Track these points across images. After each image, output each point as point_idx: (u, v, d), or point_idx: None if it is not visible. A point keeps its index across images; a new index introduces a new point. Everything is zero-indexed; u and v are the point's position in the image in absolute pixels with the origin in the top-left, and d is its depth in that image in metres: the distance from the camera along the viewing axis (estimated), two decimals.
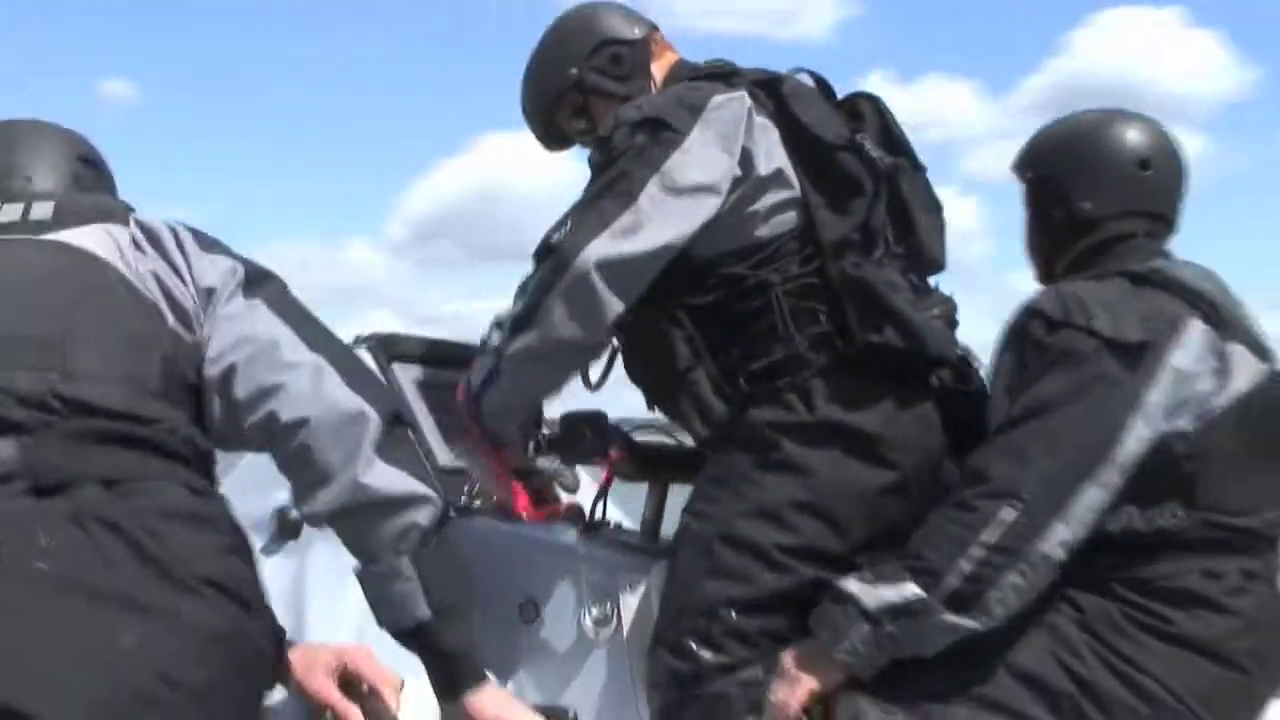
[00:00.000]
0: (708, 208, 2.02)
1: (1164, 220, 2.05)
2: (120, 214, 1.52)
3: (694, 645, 1.98)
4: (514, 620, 2.23)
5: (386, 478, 1.46)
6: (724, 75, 2.19)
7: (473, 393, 2.12)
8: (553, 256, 1.99)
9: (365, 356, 2.40)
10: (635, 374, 2.16)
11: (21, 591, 1.18)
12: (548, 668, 2.20)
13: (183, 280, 1.48)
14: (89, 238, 1.45)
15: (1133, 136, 2.03)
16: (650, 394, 2.16)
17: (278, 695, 1.67)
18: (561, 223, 2.03)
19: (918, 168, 2.26)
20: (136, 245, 1.47)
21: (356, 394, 1.48)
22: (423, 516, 1.48)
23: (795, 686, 1.81)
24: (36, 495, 1.24)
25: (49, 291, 1.39)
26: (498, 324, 2.12)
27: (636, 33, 2.30)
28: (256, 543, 1.76)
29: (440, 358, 2.49)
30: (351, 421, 1.46)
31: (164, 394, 1.39)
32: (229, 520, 1.40)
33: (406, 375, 2.42)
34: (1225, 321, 1.87)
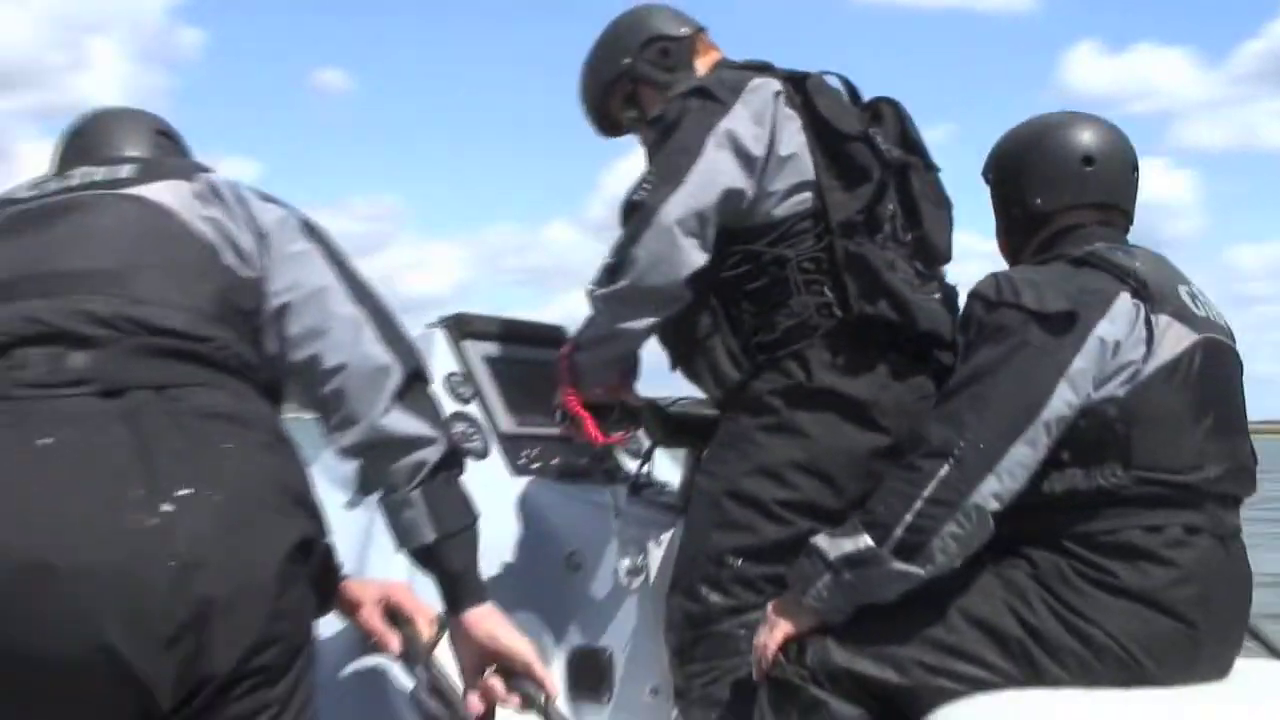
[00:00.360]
0: (748, 170, 2.24)
1: (1114, 210, 2.17)
2: (188, 172, 1.83)
3: (704, 590, 2.22)
4: (561, 569, 2.51)
5: (403, 422, 1.73)
6: (758, 68, 2.40)
7: (574, 340, 2.38)
8: (638, 213, 2.22)
9: (439, 335, 2.72)
10: (664, 337, 2.38)
11: (69, 471, 1.49)
12: (589, 612, 2.48)
13: (241, 225, 1.78)
14: (159, 192, 1.76)
15: (1076, 136, 2.17)
16: (673, 356, 2.39)
17: (332, 620, 1.99)
18: (640, 183, 2.25)
19: (930, 167, 2.45)
20: (200, 197, 1.77)
21: (387, 350, 1.76)
22: (431, 455, 1.74)
23: (774, 631, 2.03)
24: (103, 397, 1.57)
25: (122, 234, 1.70)
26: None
27: (683, 31, 2.53)
28: (341, 495, 2.06)
29: (508, 335, 2.77)
30: (379, 373, 1.74)
31: (218, 318, 1.68)
32: (269, 423, 1.66)
33: (476, 351, 2.71)
34: (1154, 296, 1.99)
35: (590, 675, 2.45)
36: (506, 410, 2.67)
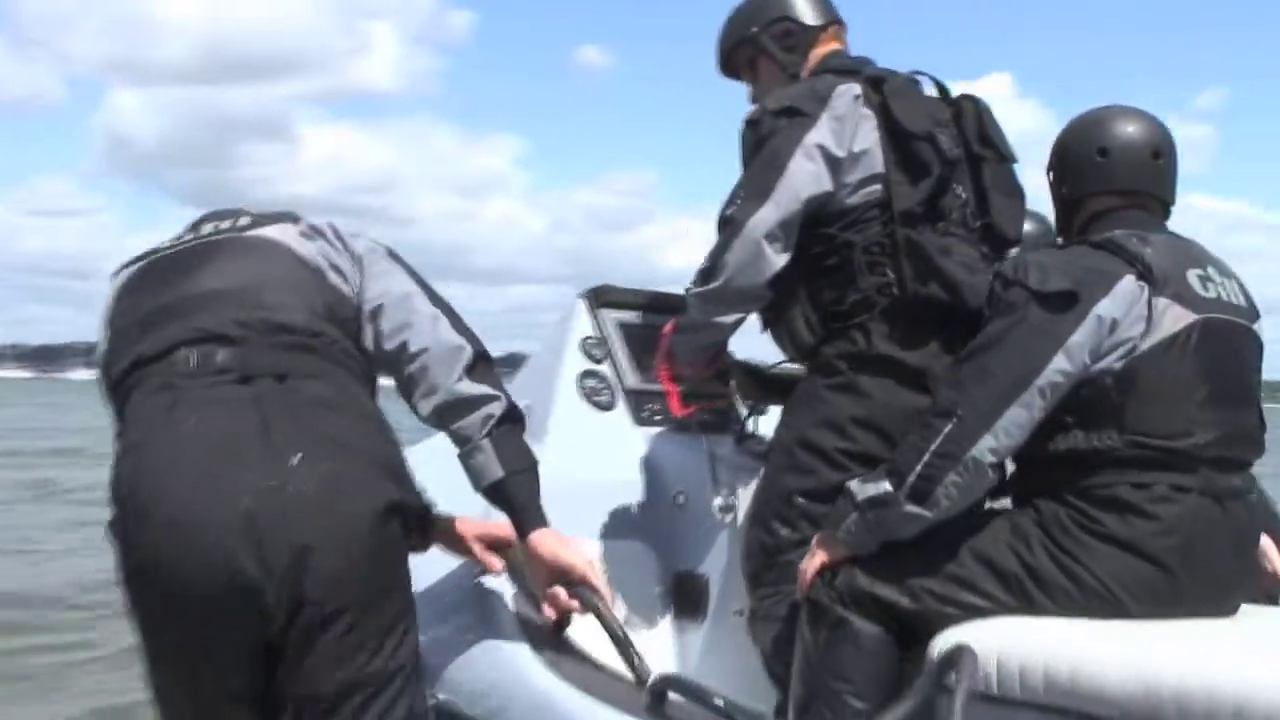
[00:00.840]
0: (832, 171, 2.58)
1: (1143, 196, 2.40)
2: (293, 218, 2.35)
3: (775, 524, 2.60)
4: (669, 507, 2.94)
5: (471, 388, 2.22)
6: (848, 70, 2.72)
7: (675, 323, 2.81)
8: (729, 226, 2.59)
9: (581, 305, 3.18)
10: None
11: (210, 442, 2.01)
12: (690, 543, 2.90)
13: (340, 252, 2.29)
14: (271, 232, 2.30)
15: (1098, 130, 2.42)
16: (763, 321, 2.75)
17: (436, 552, 2.48)
18: (733, 198, 2.62)
19: (1004, 159, 2.70)
20: (304, 234, 2.30)
21: (460, 336, 2.25)
22: (496, 409, 2.22)
23: (814, 559, 2.39)
24: (239, 384, 2.09)
25: (248, 262, 2.23)
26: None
27: (813, 20, 2.83)
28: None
29: (638, 304, 3.20)
30: (456, 351, 2.23)
31: (327, 318, 2.20)
32: (363, 406, 2.17)
33: (611, 318, 3.15)
34: (1157, 279, 2.23)
35: (690, 597, 2.88)
36: (633, 369, 3.10)
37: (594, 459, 2.94)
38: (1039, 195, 2.69)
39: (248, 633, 1.98)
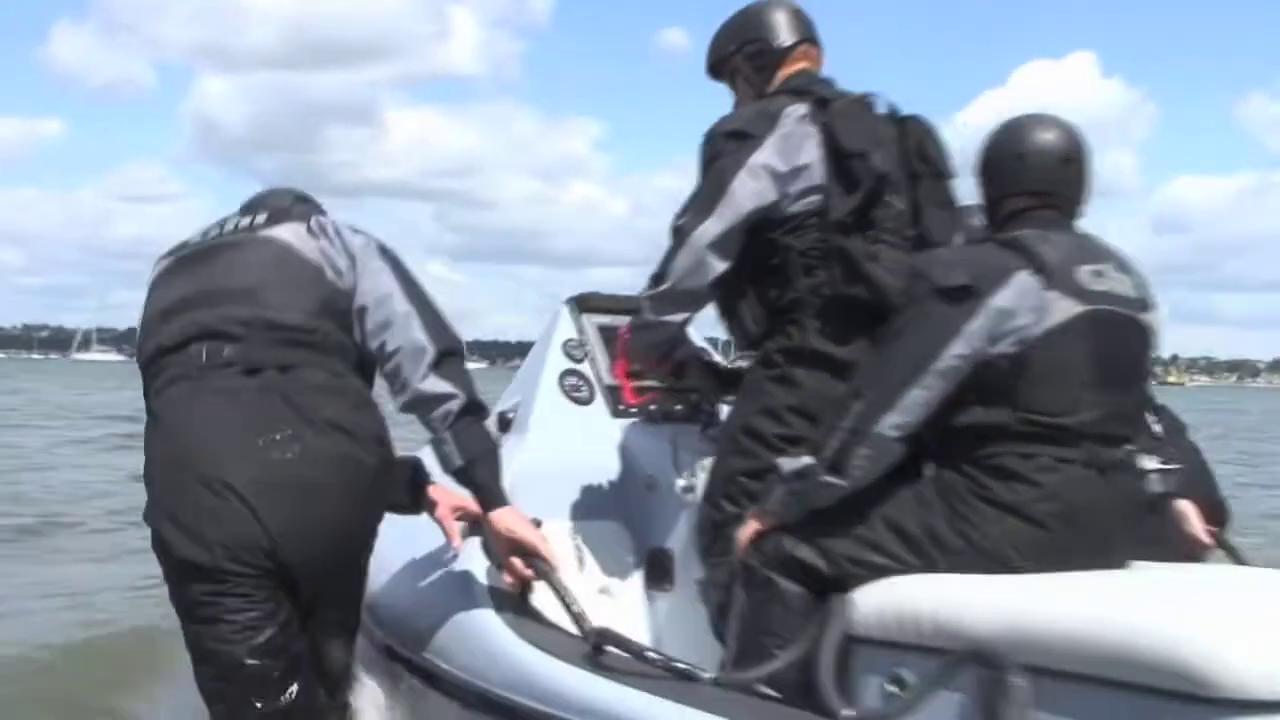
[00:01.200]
0: (776, 184, 2.88)
1: (1053, 197, 2.67)
2: (304, 217, 2.70)
3: (722, 501, 2.91)
4: (641, 489, 3.26)
5: (435, 385, 2.56)
6: (800, 92, 3.01)
7: (629, 324, 3.14)
8: (677, 235, 2.91)
9: (565, 310, 3.52)
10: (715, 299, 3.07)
11: (223, 425, 2.40)
12: (659, 521, 3.22)
13: (338, 251, 2.64)
14: (281, 232, 2.66)
15: (1016, 135, 2.70)
16: (719, 312, 3.06)
17: (424, 518, 2.84)
18: (683, 210, 2.93)
19: (940, 175, 2.98)
20: (310, 233, 2.66)
21: (427, 336, 2.59)
22: (453, 405, 2.56)
23: (747, 528, 2.69)
24: (245, 375, 2.47)
25: (256, 262, 2.60)
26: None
27: (785, 41, 3.11)
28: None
29: (617, 309, 3.53)
30: (421, 352, 2.58)
31: (322, 314, 2.56)
32: (357, 390, 2.55)
33: (591, 321, 3.49)
34: (1050, 274, 2.50)
35: (658, 569, 3.21)
36: (609, 368, 3.44)
37: (574, 448, 3.28)
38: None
39: (259, 575, 2.39)
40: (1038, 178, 2.68)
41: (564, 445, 3.25)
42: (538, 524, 2.81)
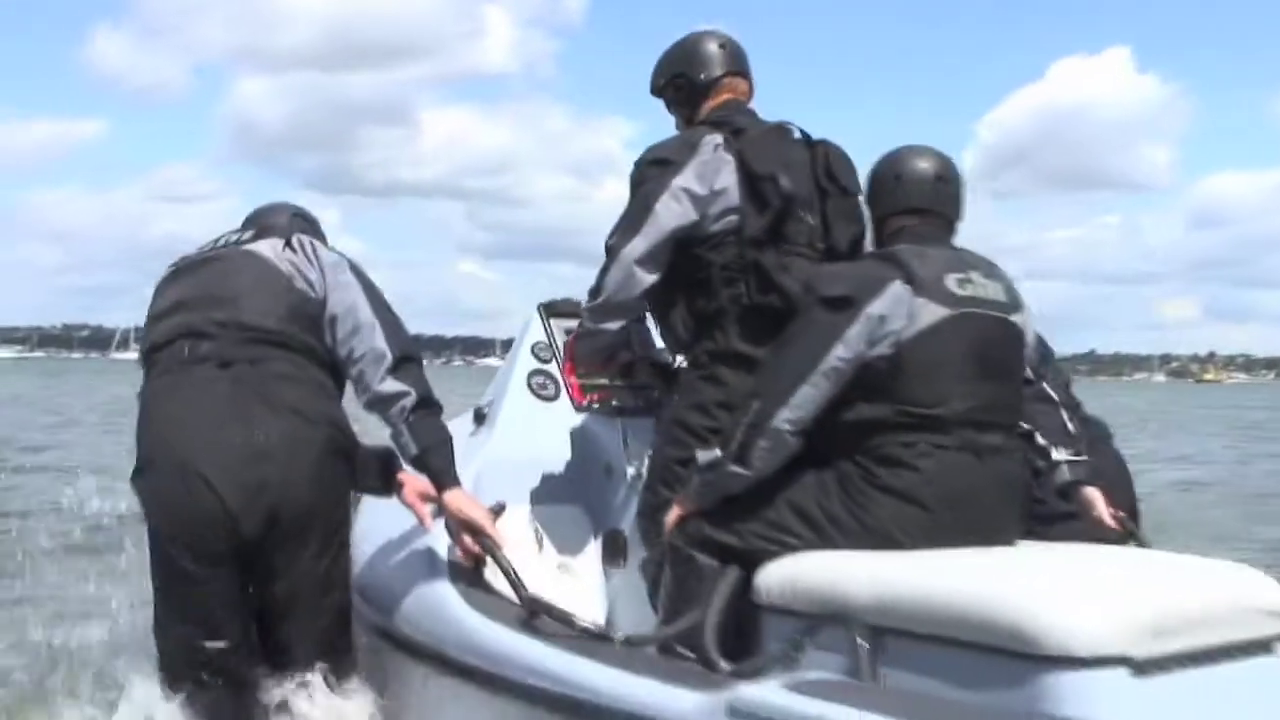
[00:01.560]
0: (696, 205, 3.21)
1: (930, 214, 2.98)
2: (283, 234, 3.13)
3: (659, 487, 3.25)
4: (601, 475, 3.61)
5: (390, 387, 2.94)
6: (719, 123, 3.33)
7: (575, 332, 3.50)
8: (610, 253, 3.27)
9: (535, 315, 3.87)
10: (651, 307, 3.40)
11: (207, 412, 2.81)
12: (615, 505, 3.57)
13: (311, 265, 3.04)
14: (261, 247, 3.09)
15: (894, 160, 3.03)
16: (655, 319, 3.40)
17: (394, 500, 3.20)
18: (614, 230, 3.29)
19: (846, 193, 3.29)
20: (288, 247, 3.07)
21: (386, 343, 2.97)
22: (407, 402, 2.94)
23: (673, 512, 3.02)
24: (220, 368, 2.88)
25: (236, 273, 3.03)
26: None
27: (711, 75, 3.45)
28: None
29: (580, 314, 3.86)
30: (380, 358, 2.96)
31: (290, 319, 2.97)
32: (318, 381, 2.96)
33: (559, 326, 3.84)
34: (918, 284, 2.81)
35: (614, 549, 3.55)
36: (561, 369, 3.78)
37: (539, 440, 3.64)
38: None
39: (224, 545, 2.82)
40: (914, 195, 3.02)
41: (529, 437, 3.61)
42: (502, 507, 3.17)
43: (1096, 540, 3.24)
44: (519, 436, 3.60)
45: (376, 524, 3.36)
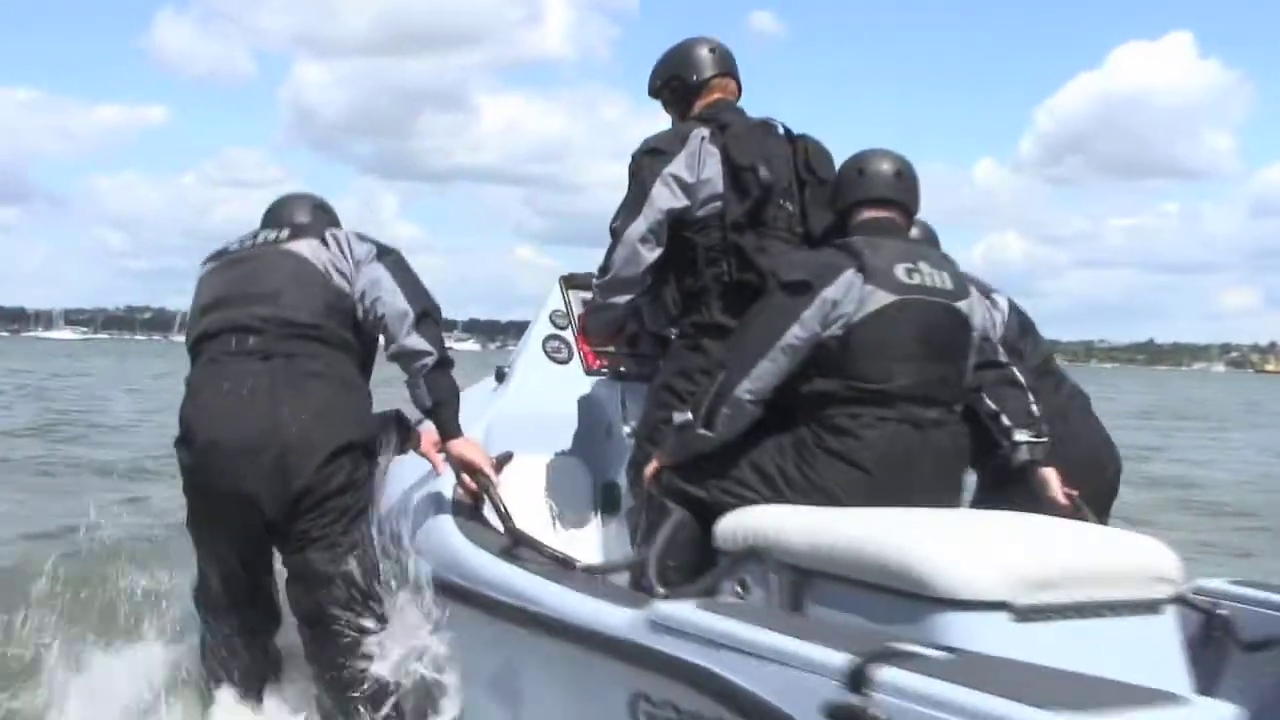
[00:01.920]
0: (685, 192, 3.59)
1: (890, 205, 3.33)
2: (318, 232, 3.53)
3: (645, 444, 3.64)
4: (603, 434, 4.01)
5: (414, 342, 3.36)
6: (707, 119, 3.70)
7: (587, 306, 3.91)
8: (614, 235, 3.67)
9: (556, 286, 4.27)
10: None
11: (242, 401, 3.26)
12: (612, 460, 3.97)
13: (344, 259, 3.46)
14: (299, 246, 3.49)
15: (858, 158, 3.39)
16: (649, 296, 3.78)
17: (411, 453, 3.62)
18: (616, 214, 3.68)
19: (823, 183, 3.64)
20: (324, 244, 3.48)
21: (408, 303, 3.39)
22: (428, 360, 3.36)
23: (651, 466, 3.41)
24: (261, 360, 3.31)
25: (275, 271, 3.44)
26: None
27: (702, 77, 3.83)
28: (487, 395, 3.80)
29: None
30: (404, 315, 3.38)
31: (326, 314, 3.39)
32: (347, 377, 3.40)
33: (577, 296, 4.23)
34: (869, 272, 3.16)
35: (610, 500, 3.96)
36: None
37: (549, 398, 4.05)
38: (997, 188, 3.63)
39: (250, 518, 3.27)
40: (875, 187, 3.37)
41: (541, 395, 4.02)
42: (509, 456, 3.59)
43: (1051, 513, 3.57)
44: (531, 394, 4.02)
45: (402, 473, 3.80)
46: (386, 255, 3.50)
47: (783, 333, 3.17)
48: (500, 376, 4.19)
